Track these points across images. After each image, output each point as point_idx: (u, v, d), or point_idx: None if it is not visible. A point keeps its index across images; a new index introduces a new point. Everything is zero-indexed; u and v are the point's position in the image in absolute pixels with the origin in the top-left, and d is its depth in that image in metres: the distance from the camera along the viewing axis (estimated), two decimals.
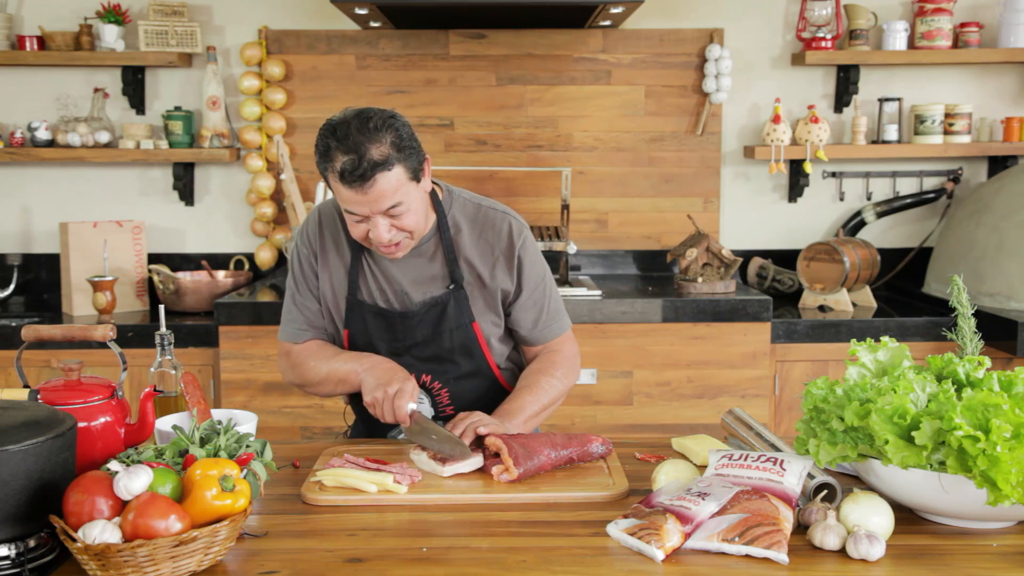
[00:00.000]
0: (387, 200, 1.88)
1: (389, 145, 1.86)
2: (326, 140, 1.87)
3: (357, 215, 1.92)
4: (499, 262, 2.09)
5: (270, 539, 1.54)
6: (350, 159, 1.83)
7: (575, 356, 2.21)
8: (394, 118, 1.90)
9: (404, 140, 1.89)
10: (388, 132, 1.87)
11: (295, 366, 2.14)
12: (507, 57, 3.89)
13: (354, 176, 1.84)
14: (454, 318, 2.07)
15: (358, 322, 2.10)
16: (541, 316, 2.15)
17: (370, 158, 1.83)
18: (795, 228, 4.03)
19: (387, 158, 1.85)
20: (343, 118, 1.88)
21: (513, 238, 2.10)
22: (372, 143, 1.84)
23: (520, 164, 3.91)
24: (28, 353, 3.16)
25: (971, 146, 3.82)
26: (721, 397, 3.38)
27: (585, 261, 3.99)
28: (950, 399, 1.48)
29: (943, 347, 3.31)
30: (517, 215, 2.15)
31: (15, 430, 1.38)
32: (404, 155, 1.88)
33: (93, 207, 3.93)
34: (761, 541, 1.44)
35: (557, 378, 2.12)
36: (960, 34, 3.83)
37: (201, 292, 3.60)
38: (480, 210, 2.11)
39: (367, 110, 1.90)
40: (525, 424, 2.03)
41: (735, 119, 3.98)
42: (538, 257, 2.15)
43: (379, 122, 1.87)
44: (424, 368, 2.10)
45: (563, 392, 2.14)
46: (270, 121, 3.84)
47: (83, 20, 3.79)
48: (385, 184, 1.86)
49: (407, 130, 1.91)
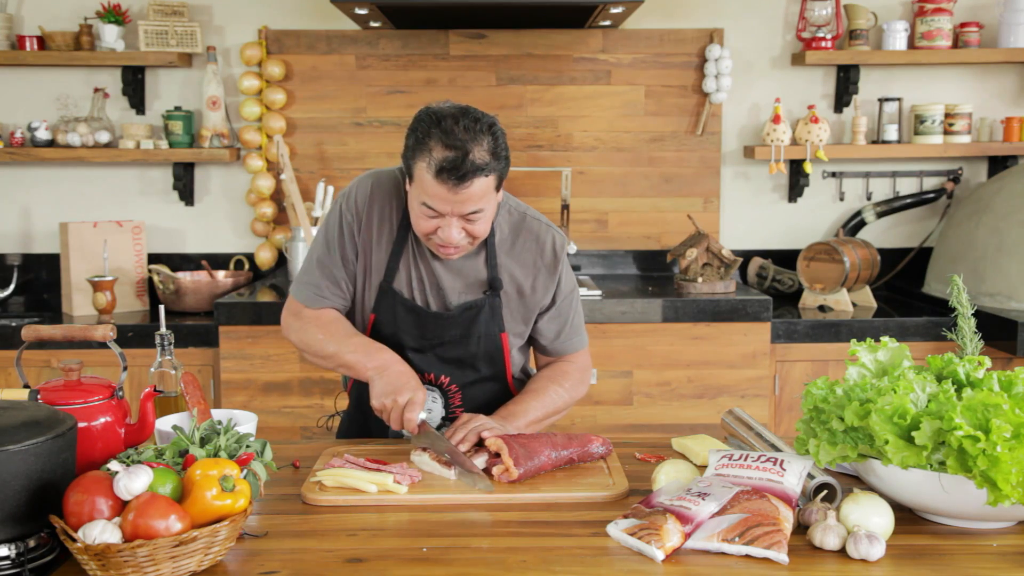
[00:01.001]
0: (473, 204, 1.85)
1: (488, 151, 1.83)
2: (428, 128, 1.82)
3: (434, 211, 1.87)
4: (540, 274, 2.06)
5: (270, 539, 1.54)
6: (453, 155, 1.79)
7: (587, 370, 2.19)
8: (495, 124, 1.87)
9: (501, 148, 1.86)
10: (490, 137, 1.83)
11: (301, 330, 2.06)
12: (507, 57, 3.89)
13: (453, 174, 1.79)
14: (485, 325, 2.04)
15: (388, 311, 2.03)
16: (564, 329, 2.13)
17: (472, 159, 1.79)
18: (795, 228, 4.03)
19: (487, 163, 1.82)
20: (449, 111, 1.84)
21: (557, 253, 2.07)
22: (476, 144, 1.81)
23: (520, 164, 3.91)
24: (28, 353, 3.16)
25: (971, 146, 3.82)
26: (721, 397, 3.38)
27: (585, 261, 3.99)
28: (950, 399, 1.48)
29: (943, 347, 3.31)
30: (559, 229, 2.12)
31: (15, 430, 1.38)
32: (499, 163, 1.86)
33: (93, 207, 3.93)
34: (761, 541, 1.44)
35: (565, 388, 2.11)
36: (960, 34, 3.83)
37: (201, 292, 3.60)
38: (525, 220, 2.08)
39: (473, 109, 1.86)
40: (526, 429, 2.02)
41: (735, 119, 3.98)
42: (571, 271, 2.14)
43: (484, 125, 1.83)
44: (444, 369, 2.08)
45: (569, 403, 2.12)
46: (270, 121, 3.84)
47: (83, 20, 3.79)
48: (478, 188, 1.83)
49: (504, 139, 1.88)
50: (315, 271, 2.05)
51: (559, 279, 2.09)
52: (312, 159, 3.92)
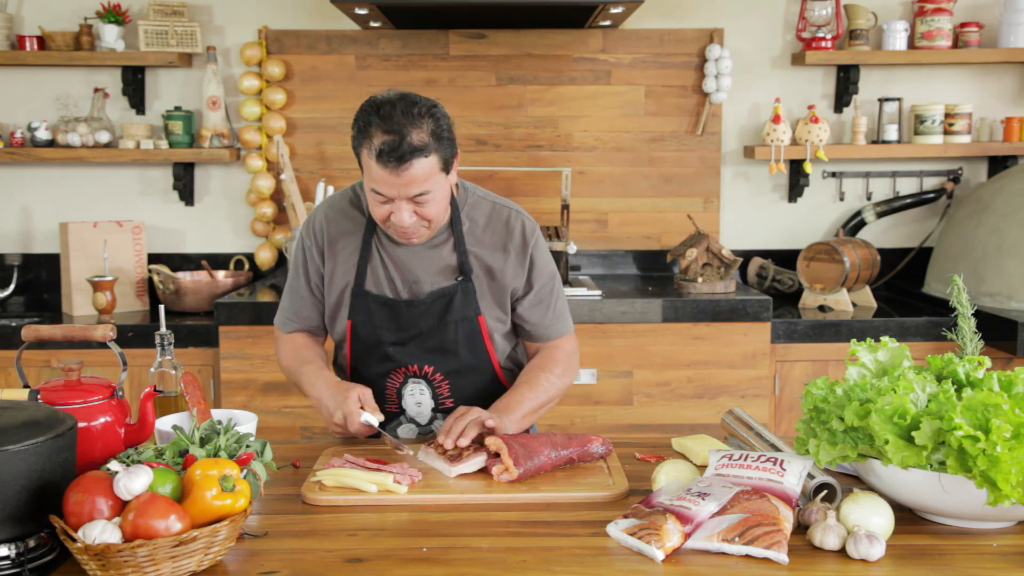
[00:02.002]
0: (417, 186, 1.91)
1: (429, 132, 1.89)
2: (368, 116, 1.89)
3: (383, 196, 1.94)
4: (511, 259, 2.12)
5: (270, 539, 1.54)
6: (390, 139, 1.86)
7: (574, 355, 2.23)
8: (436, 107, 1.93)
9: (443, 130, 1.92)
10: (430, 119, 1.90)
11: (277, 351, 2.25)
12: (507, 57, 3.89)
13: (391, 157, 1.86)
14: (460, 310, 2.09)
15: (362, 312, 2.11)
16: (547, 314, 2.17)
17: (410, 141, 1.86)
18: (795, 228, 4.03)
19: (426, 144, 1.88)
20: (388, 98, 1.91)
21: (526, 236, 2.13)
22: (414, 127, 1.87)
23: (520, 164, 3.91)
24: (28, 353, 3.16)
25: (971, 146, 3.82)
26: (721, 397, 3.38)
27: (585, 261, 3.99)
28: (950, 399, 1.48)
29: (943, 347, 3.31)
30: (528, 214, 2.18)
31: (15, 430, 1.38)
32: (441, 144, 1.91)
33: (93, 207, 3.93)
34: (761, 541, 1.44)
35: (556, 375, 2.14)
36: (960, 34, 3.83)
37: (201, 292, 3.60)
38: (494, 207, 2.15)
39: (412, 94, 1.93)
40: (522, 420, 2.04)
41: (735, 119, 3.98)
42: (548, 256, 2.19)
43: (423, 108, 1.90)
44: (427, 359, 2.12)
45: (561, 390, 2.16)
46: (270, 121, 3.84)
47: (83, 20, 3.79)
48: (419, 170, 1.89)
49: (447, 121, 1.94)
50: (286, 298, 2.24)
51: (532, 262, 2.13)
52: (312, 159, 3.92)
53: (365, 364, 2.14)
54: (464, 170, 3.83)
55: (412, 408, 2.15)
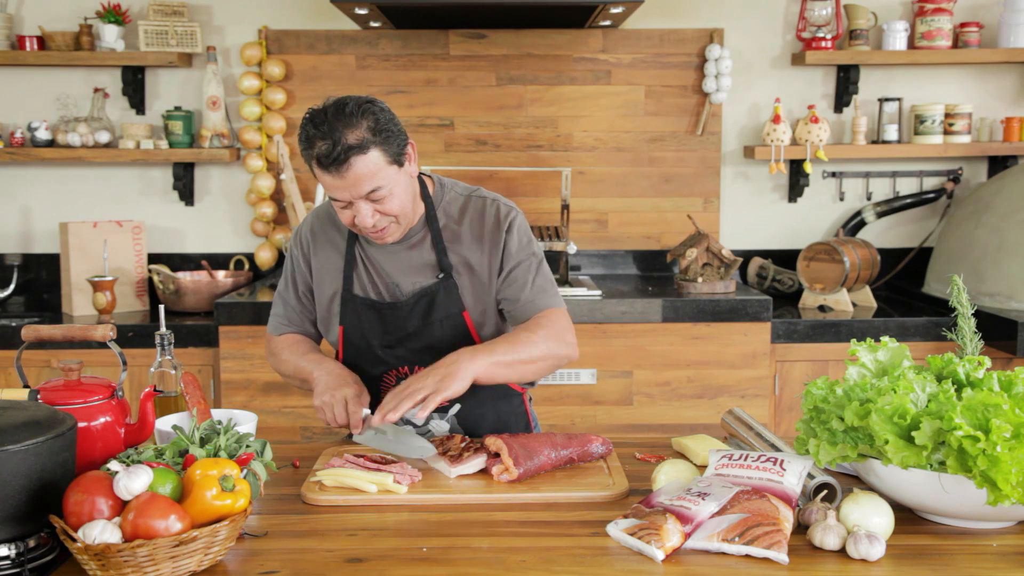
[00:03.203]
0: (365, 184, 1.91)
1: (365, 129, 1.89)
2: (305, 128, 1.92)
3: (340, 200, 1.95)
4: (486, 244, 2.10)
5: (270, 539, 1.54)
6: (326, 144, 1.87)
7: (565, 329, 2.06)
8: (371, 103, 1.93)
9: (381, 124, 1.91)
10: (364, 117, 1.90)
11: (272, 354, 2.24)
12: (507, 57, 3.89)
13: (329, 160, 1.88)
14: (443, 307, 2.09)
15: (352, 317, 2.12)
16: (526, 289, 2.07)
17: (345, 142, 1.87)
18: (795, 228, 4.03)
19: (362, 141, 1.88)
20: (322, 107, 1.93)
21: (500, 219, 2.11)
22: (348, 128, 1.88)
23: (520, 164, 3.91)
24: (28, 353, 3.16)
25: (971, 146, 3.82)
26: (721, 397, 3.38)
27: (585, 261, 3.99)
28: (950, 399, 1.48)
29: (943, 347, 3.31)
30: (508, 201, 2.15)
31: (15, 430, 1.38)
32: (381, 138, 1.91)
33: (93, 207, 3.93)
34: (761, 541, 1.44)
35: (539, 336, 1.98)
36: (960, 34, 3.83)
37: (201, 292, 3.60)
38: (469, 200, 2.14)
39: (344, 98, 1.94)
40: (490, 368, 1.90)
41: (735, 119, 3.98)
42: (527, 238, 2.12)
43: (355, 107, 1.90)
44: (417, 360, 2.11)
45: (544, 354, 1.98)
46: (270, 121, 3.84)
47: (83, 20, 3.79)
48: (362, 168, 1.89)
49: (385, 115, 1.93)
50: (278, 303, 2.25)
51: (505, 243, 2.09)
52: None
53: (359, 368, 2.13)
54: (464, 170, 3.83)
55: None
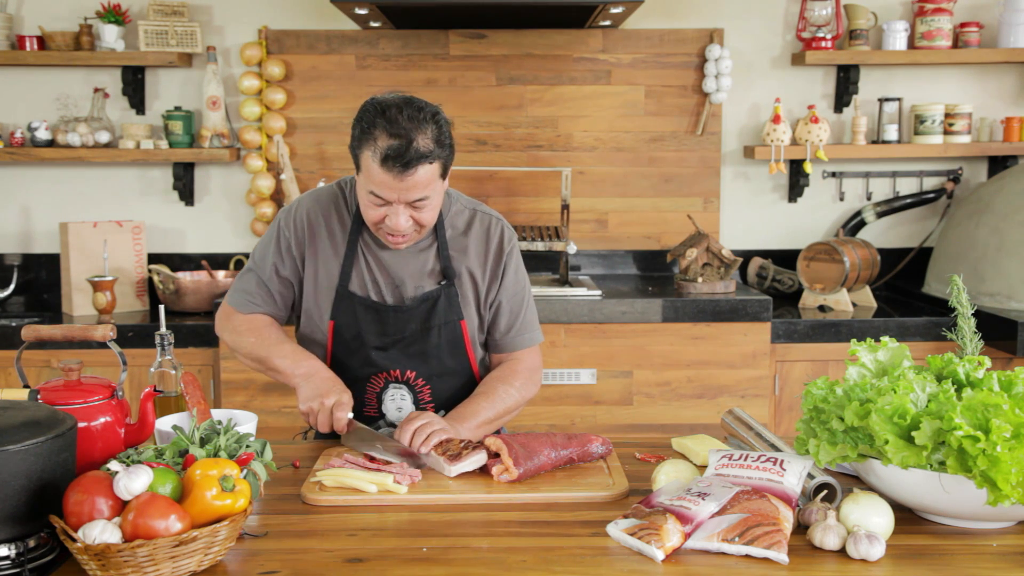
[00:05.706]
0: (419, 191, 1.90)
1: (433, 139, 1.88)
2: (373, 118, 1.87)
3: (381, 199, 1.92)
4: (488, 264, 2.13)
5: (270, 539, 1.54)
6: (397, 143, 1.84)
7: (537, 369, 2.21)
8: (439, 113, 1.92)
9: (445, 137, 1.91)
10: (433, 125, 1.89)
11: (233, 331, 2.13)
12: (507, 57, 3.89)
13: (397, 161, 1.85)
14: (443, 314, 2.09)
15: (347, 314, 2.09)
16: (515, 324, 2.17)
17: (416, 147, 1.85)
18: (795, 228, 4.03)
19: (431, 151, 1.87)
20: (393, 100, 1.89)
21: (504, 243, 2.14)
22: (419, 132, 1.86)
23: (520, 164, 3.91)
24: (28, 353, 3.16)
25: (971, 146, 3.82)
26: (721, 397, 3.38)
27: (585, 261, 3.99)
28: (950, 399, 1.48)
29: (943, 347, 3.31)
30: (508, 224, 2.20)
31: (15, 430, 1.38)
32: (443, 151, 1.91)
33: (93, 207, 3.93)
34: (761, 541, 1.44)
35: (515, 388, 2.12)
36: (960, 34, 3.83)
37: (201, 292, 3.60)
38: (476, 214, 2.16)
39: (416, 99, 1.91)
40: (477, 429, 2.01)
41: (735, 119, 3.98)
42: (522, 267, 2.20)
43: (428, 114, 1.89)
44: (410, 364, 2.11)
45: (520, 402, 2.13)
46: (270, 121, 3.84)
47: (83, 20, 3.79)
48: (423, 176, 1.88)
49: (448, 128, 1.93)
50: (250, 280, 2.13)
51: (504, 270, 2.13)
52: (312, 159, 3.92)
53: (346, 367, 2.12)
54: (464, 170, 3.83)
55: (393, 413, 2.14)
